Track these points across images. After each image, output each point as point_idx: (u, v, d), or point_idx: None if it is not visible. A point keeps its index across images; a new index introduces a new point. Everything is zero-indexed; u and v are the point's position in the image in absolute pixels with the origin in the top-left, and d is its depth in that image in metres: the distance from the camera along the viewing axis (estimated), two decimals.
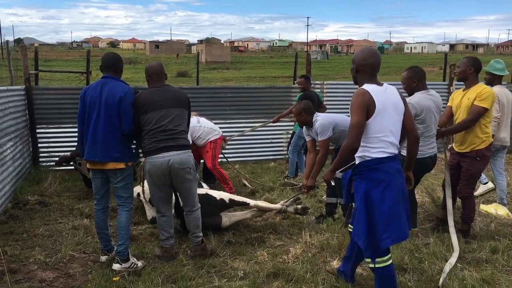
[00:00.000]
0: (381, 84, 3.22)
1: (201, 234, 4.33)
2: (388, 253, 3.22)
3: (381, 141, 3.13)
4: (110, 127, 3.90)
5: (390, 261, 3.24)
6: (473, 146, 4.57)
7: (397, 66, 46.87)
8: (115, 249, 4.15)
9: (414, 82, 4.36)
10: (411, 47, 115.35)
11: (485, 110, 4.46)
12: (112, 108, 3.88)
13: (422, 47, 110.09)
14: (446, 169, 4.80)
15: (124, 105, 3.91)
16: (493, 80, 5.47)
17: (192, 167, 4.16)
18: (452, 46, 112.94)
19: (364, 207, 3.14)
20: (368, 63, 3.21)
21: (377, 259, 3.17)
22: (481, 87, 4.52)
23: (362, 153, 3.17)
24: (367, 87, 3.13)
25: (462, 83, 4.75)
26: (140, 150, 4.29)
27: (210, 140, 6.19)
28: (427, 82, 4.60)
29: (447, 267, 3.93)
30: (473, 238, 4.67)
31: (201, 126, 6.16)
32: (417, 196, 6.01)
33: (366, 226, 3.14)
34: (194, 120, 6.11)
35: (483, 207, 5.64)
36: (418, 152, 3.67)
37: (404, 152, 3.64)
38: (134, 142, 4.25)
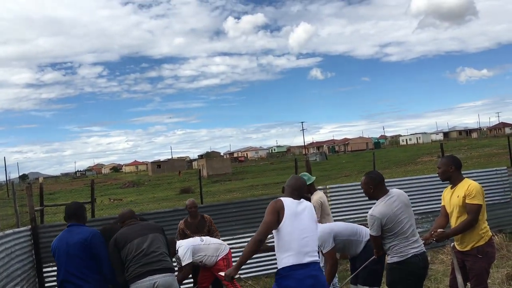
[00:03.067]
0: (298, 199, 3.83)
1: None
2: None
3: (291, 245, 3.57)
4: (82, 269, 4.09)
5: None
6: (473, 244, 4.45)
7: (396, 159, 47.48)
8: None
9: (370, 188, 4.33)
10: (406, 139, 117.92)
11: (480, 206, 4.44)
12: (80, 251, 4.10)
13: (417, 137, 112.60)
14: (456, 271, 4.61)
15: (95, 247, 4.14)
16: (309, 189, 6.43)
17: None
18: (446, 134, 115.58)
19: None
20: (289, 184, 3.94)
21: None
22: (466, 184, 4.51)
23: (278, 262, 3.63)
24: (283, 197, 3.83)
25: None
26: None
27: (221, 256, 6.08)
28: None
29: None
30: None
31: (206, 243, 6.08)
32: None
33: None
34: (197, 239, 6.11)
35: None
36: (400, 253, 4.13)
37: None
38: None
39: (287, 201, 3.76)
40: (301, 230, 3.61)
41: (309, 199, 4.55)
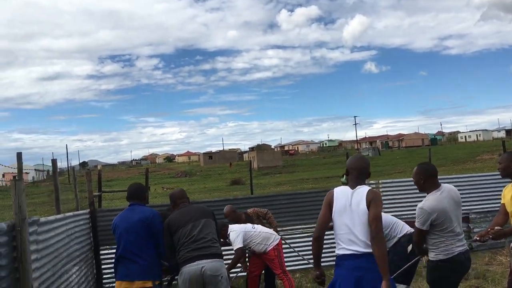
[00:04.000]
0: (354, 187, 3.63)
1: None
2: None
3: (341, 237, 3.54)
4: (140, 247, 4.26)
5: None
6: None
7: (453, 156, 45.70)
8: None
9: (421, 179, 4.17)
10: (465, 136, 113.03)
11: None
12: (141, 229, 4.28)
13: (477, 135, 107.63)
14: None
15: (155, 225, 4.33)
16: None
17: (224, 276, 4.26)
18: (508, 132, 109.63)
19: None
20: (352, 167, 3.73)
21: None
22: None
23: (335, 251, 3.61)
24: (336, 188, 3.73)
25: None
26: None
27: (272, 246, 6.14)
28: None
29: None
30: None
31: (257, 231, 6.18)
32: None
33: None
34: (249, 225, 6.24)
35: None
36: (446, 251, 3.99)
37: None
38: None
39: (339, 193, 3.65)
40: (350, 224, 3.51)
41: None
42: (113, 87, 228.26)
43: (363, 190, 3.61)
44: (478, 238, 4.47)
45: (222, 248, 4.79)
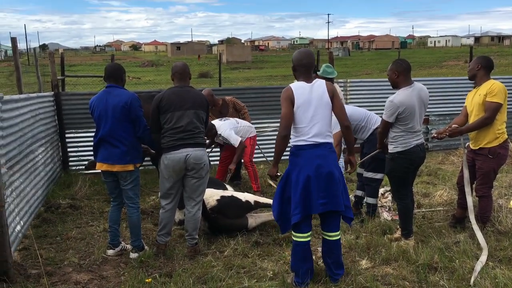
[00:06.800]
0: (310, 81, 3.68)
1: (197, 236, 4.47)
2: (301, 231, 3.67)
3: (301, 130, 3.63)
4: (119, 132, 4.21)
5: (302, 239, 3.69)
6: (486, 143, 4.52)
7: (421, 60, 46.11)
8: (123, 245, 4.56)
9: (395, 74, 4.28)
10: (434, 41, 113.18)
11: (500, 105, 4.44)
12: (120, 114, 4.18)
13: (446, 40, 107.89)
14: (464, 167, 4.75)
15: (134, 110, 4.20)
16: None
17: (206, 164, 4.37)
18: (477, 39, 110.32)
19: (283, 185, 3.73)
20: (301, 64, 3.72)
21: (293, 233, 3.71)
22: (490, 83, 4.49)
23: (291, 142, 3.71)
24: (293, 84, 3.69)
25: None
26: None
27: (249, 137, 6.43)
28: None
29: (478, 266, 3.88)
30: (504, 236, 4.59)
31: (241, 125, 6.36)
32: (445, 193, 5.95)
33: (279, 202, 3.74)
34: (233, 120, 6.37)
35: None
36: (403, 144, 4.24)
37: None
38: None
39: (297, 88, 3.65)
40: (312, 117, 3.61)
41: None
42: None
43: (321, 84, 3.71)
44: (436, 135, 4.73)
45: None
